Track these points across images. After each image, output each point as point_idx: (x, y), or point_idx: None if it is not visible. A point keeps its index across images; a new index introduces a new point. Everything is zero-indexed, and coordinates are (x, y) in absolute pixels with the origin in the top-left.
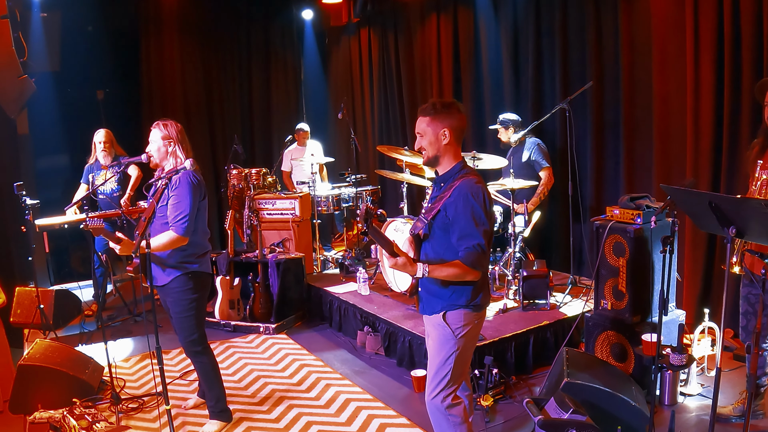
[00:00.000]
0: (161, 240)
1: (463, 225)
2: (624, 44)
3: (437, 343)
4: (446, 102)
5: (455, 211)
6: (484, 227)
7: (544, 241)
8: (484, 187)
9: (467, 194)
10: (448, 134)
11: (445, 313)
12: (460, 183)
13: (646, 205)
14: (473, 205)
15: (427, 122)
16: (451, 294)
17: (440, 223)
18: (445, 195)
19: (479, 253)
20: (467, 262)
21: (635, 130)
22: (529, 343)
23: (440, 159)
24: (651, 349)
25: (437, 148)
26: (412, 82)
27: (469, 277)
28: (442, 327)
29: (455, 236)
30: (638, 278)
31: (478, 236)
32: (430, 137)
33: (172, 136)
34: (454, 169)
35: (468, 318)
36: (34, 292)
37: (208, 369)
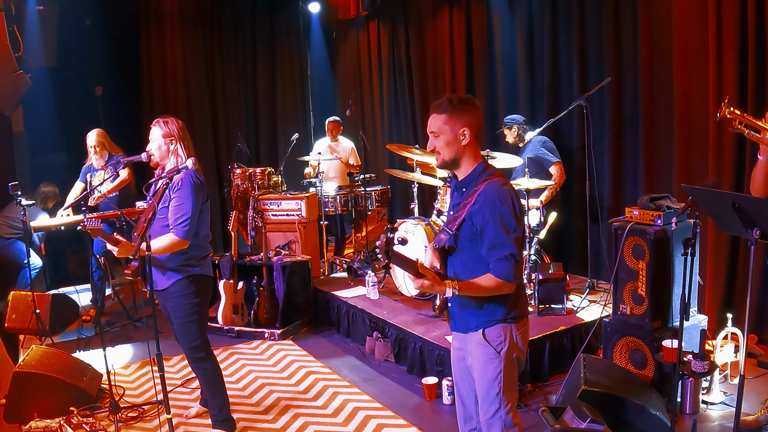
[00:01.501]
0: (161, 243)
1: (492, 234)
2: (643, 38)
3: (481, 363)
4: (464, 97)
5: (482, 219)
6: (515, 234)
7: (561, 243)
8: (511, 189)
9: (494, 199)
10: (468, 134)
11: (483, 330)
12: (485, 187)
13: (667, 205)
14: (502, 212)
15: (444, 120)
16: (485, 309)
17: (467, 233)
18: (469, 201)
19: (512, 264)
20: (500, 275)
21: (655, 127)
22: (545, 349)
23: (460, 161)
24: (672, 356)
25: (456, 150)
26: (423, 78)
27: (504, 290)
28: (484, 346)
29: (485, 247)
30: (658, 282)
31: (510, 245)
32: (447, 137)
33: (173, 134)
34: (476, 171)
35: (508, 331)
36: (29, 297)
37: (211, 376)
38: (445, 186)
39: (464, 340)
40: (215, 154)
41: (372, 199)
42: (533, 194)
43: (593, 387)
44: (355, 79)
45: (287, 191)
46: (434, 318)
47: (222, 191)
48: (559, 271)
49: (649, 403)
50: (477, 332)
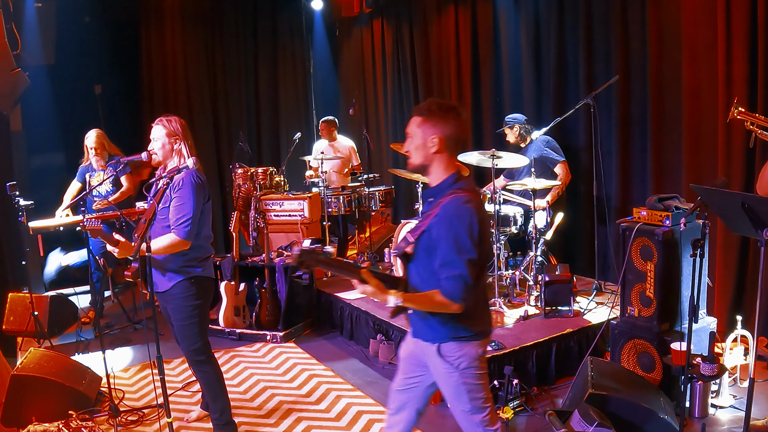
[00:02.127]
0: (162, 243)
1: (445, 251)
2: (651, 36)
3: (442, 378)
4: (446, 104)
5: (437, 234)
6: (468, 256)
7: (567, 244)
8: (475, 207)
9: (452, 217)
10: (437, 142)
11: (438, 346)
12: (447, 201)
13: (675, 206)
14: (457, 231)
15: (417, 123)
16: (441, 324)
17: (425, 244)
18: (432, 213)
19: (461, 285)
20: (446, 294)
21: (663, 126)
22: (552, 352)
23: (428, 169)
24: (680, 359)
25: (424, 156)
26: (428, 77)
27: (451, 309)
28: (441, 361)
29: (437, 262)
30: (667, 283)
31: (461, 266)
32: (417, 142)
33: (177, 133)
34: (445, 183)
35: (464, 347)
36: (27, 298)
37: (212, 379)
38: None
39: (422, 347)
40: (216, 154)
41: (376, 200)
42: (539, 194)
43: (600, 390)
44: (359, 77)
45: (289, 191)
46: None
47: (223, 191)
48: (565, 273)
49: (658, 406)
50: (433, 346)
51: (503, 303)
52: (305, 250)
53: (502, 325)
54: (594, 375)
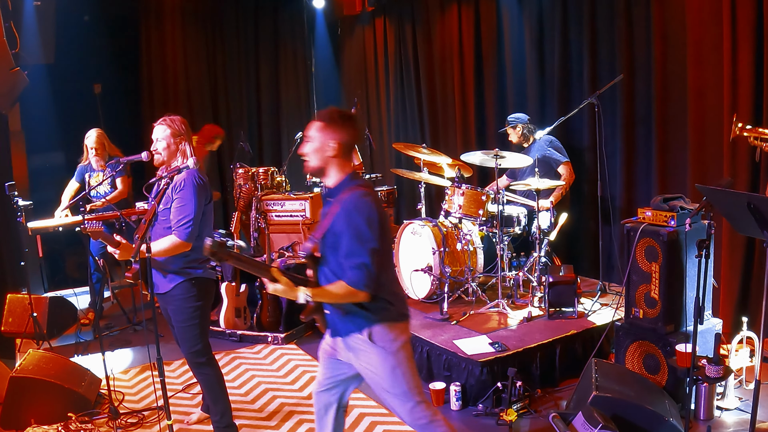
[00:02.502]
0: (162, 245)
1: (347, 243)
2: (656, 34)
3: (374, 365)
4: (346, 113)
5: (340, 227)
6: (370, 245)
7: (572, 244)
8: (373, 200)
9: (351, 210)
10: (335, 147)
11: (369, 333)
12: (347, 197)
13: (681, 206)
14: (357, 222)
15: (318, 128)
16: (365, 312)
17: (329, 242)
18: (332, 210)
19: (364, 273)
20: (351, 283)
21: (668, 126)
22: (556, 353)
23: (325, 171)
24: (686, 361)
25: (321, 159)
26: (431, 76)
27: (358, 298)
28: (370, 347)
29: (342, 254)
30: (672, 284)
31: (363, 255)
32: (315, 145)
33: (182, 133)
34: (343, 182)
35: (393, 331)
36: (26, 300)
37: (212, 381)
38: (452, 186)
39: (344, 344)
40: (217, 154)
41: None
42: (543, 195)
43: (605, 392)
44: (361, 76)
45: (291, 191)
46: (441, 322)
47: (224, 191)
48: (569, 274)
49: (663, 409)
50: (362, 335)
51: (507, 304)
52: (216, 242)
53: (506, 326)
54: (598, 377)
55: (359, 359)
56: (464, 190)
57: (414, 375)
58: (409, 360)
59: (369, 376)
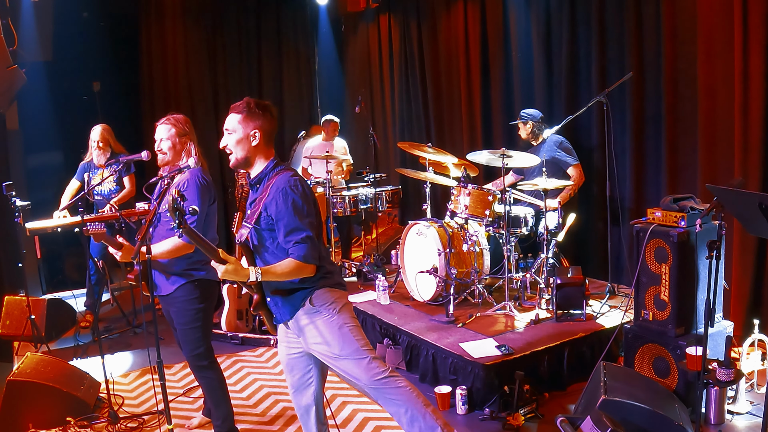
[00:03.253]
0: (165, 246)
1: (287, 220)
2: (666, 32)
3: (323, 332)
4: (262, 103)
5: (276, 208)
6: (309, 219)
7: (580, 246)
8: (301, 179)
9: (285, 189)
10: (259, 136)
11: (309, 299)
12: (276, 179)
13: (691, 206)
14: (294, 198)
15: (238, 120)
16: (301, 286)
17: (264, 225)
18: (264, 195)
19: (309, 246)
20: (298, 257)
21: (678, 125)
22: (564, 356)
23: (251, 161)
24: (696, 364)
25: (246, 149)
26: (436, 74)
27: (305, 272)
28: (316, 313)
29: (281, 234)
30: (682, 286)
31: (305, 229)
32: (239, 136)
33: (187, 132)
34: (267, 167)
35: (333, 294)
36: (24, 302)
37: (214, 385)
38: (458, 186)
39: (293, 328)
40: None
41: (383, 200)
42: (551, 195)
43: (614, 396)
44: (365, 74)
45: None
46: (447, 324)
47: (226, 192)
48: (578, 275)
49: (673, 413)
50: (305, 306)
51: (513, 306)
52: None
53: (513, 329)
54: (607, 380)
55: (308, 337)
56: (470, 190)
57: (362, 335)
58: (353, 320)
59: (321, 350)
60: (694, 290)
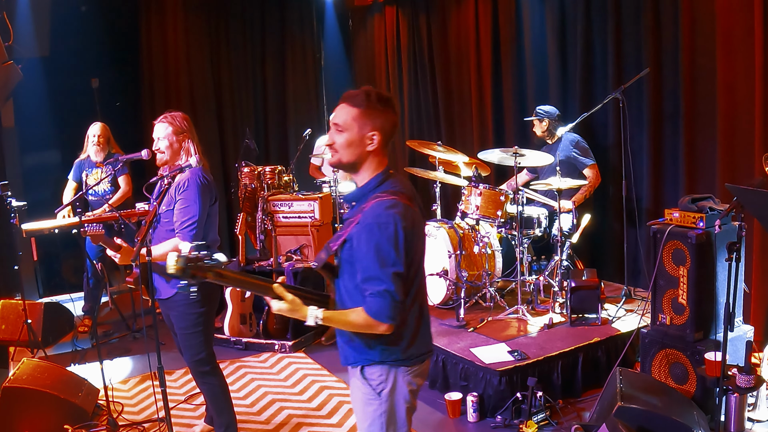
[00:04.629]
0: (166, 248)
1: (366, 264)
2: (684, 26)
3: (360, 404)
4: (384, 95)
5: (358, 244)
6: (394, 269)
7: (595, 247)
8: (401, 213)
9: (372, 225)
10: (377, 139)
11: (362, 367)
12: (370, 206)
13: (710, 207)
14: (378, 241)
15: (354, 116)
16: (365, 344)
17: (347, 255)
18: (354, 219)
19: (388, 303)
20: (371, 312)
21: (697, 122)
22: (578, 362)
23: (359, 168)
24: (715, 370)
25: (358, 154)
26: (446, 70)
27: (378, 330)
28: (361, 383)
29: (359, 276)
30: (701, 290)
31: (386, 281)
32: (352, 136)
33: (185, 130)
34: (370, 184)
35: (392, 374)
36: (20, 305)
37: (217, 392)
38: (469, 186)
39: (349, 373)
40: (221, 152)
41: None
42: (565, 195)
43: (630, 403)
44: (373, 70)
45: (299, 191)
46: (458, 329)
47: (229, 192)
48: (593, 278)
49: (691, 420)
50: (356, 368)
51: (526, 310)
52: (188, 257)
53: (526, 333)
54: (623, 387)
55: (352, 395)
56: (482, 190)
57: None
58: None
59: (355, 413)
60: (713, 293)
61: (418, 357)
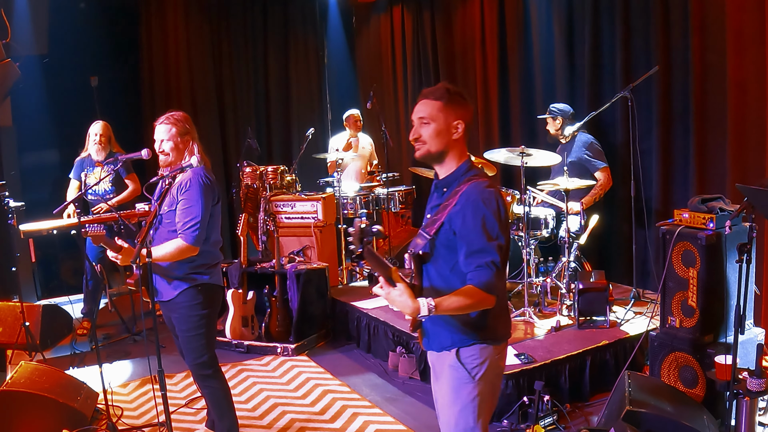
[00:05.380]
0: (167, 249)
1: (472, 239)
2: (694, 23)
3: (451, 388)
4: (461, 91)
5: (462, 221)
6: (498, 242)
7: (603, 249)
8: (497, 192)
9: (477, 201)
10: (461, 128)
11: (458, 350)
12: (468, 187)
13: (720, 207)
14: (485, 214)
15: (439, 107)
16: (461, 325)
17: (444, 239)
18: (450, 203)
19: (493, 273)
20: (479, 285)
21: (707, 121)
22: (586, 365)
23: (445, 156)
24: (725, 373)
25: (446, 143)
26: (451, 68)
27: (485, 304)
28: (456, 368)
29: (463, 253)
30: (711, 292)
31: (492, 252)
32: (440, 126)
33: (189, 130)
34: (460, 169)
35: (486, 353)
36: (18, 308)
37: (218, 395)
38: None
39: (435, 360)
40: (222, 151)
41: (395, 201)
42: (573, 196)
43: (639, 407)
44: (377, 68)
45: (302, 192)
46: None
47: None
48: (601, 280)
49: (701, 425)
50: (450, 352)
51: (533, 313)
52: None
53: (533, 336)
54: (632, 391)
55: (440, 380)
56: None
57: (486, 416)
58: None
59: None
60: (723, 296)
61: (504, 337)
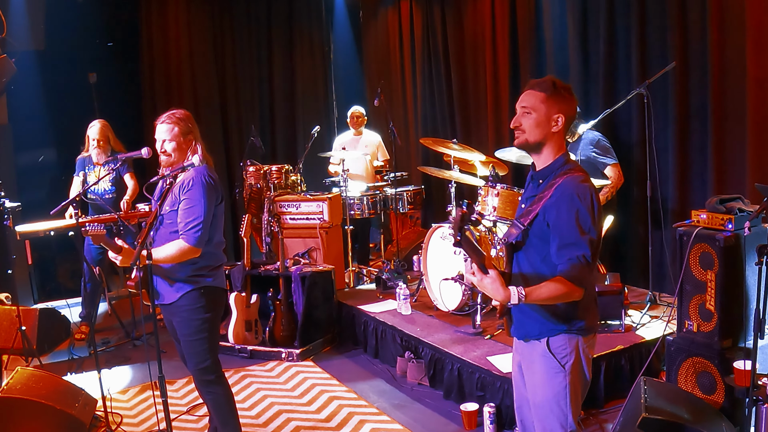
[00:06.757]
0: (169, 251)
1: (565, 232)
2: (713, 18)
3: (542, 377)
4: (567, 86)
5: (556, 214)
6: (590, 236)
7: (618, 251)
8: (592, 187)
9: (572, 195)
10: (561, 121)
11: (547, 339)
12: (564, 181)
13: (739, 208)
14: (579, 209)
15: (542, 99)
16: (550, 315)
17: (537, 230)
18: (545, 195)
19: (584, 267)
20: (569, 277)
21: (725, 119)
22: (600, 371)
23: (543, 147)
24: (744, 379)
25: (545, 134)
26: (461, 64)
27: (574, 296)
28: (547, 357)
29: (554, 245)
30: (729, 295)
31: (584, 246)
32: (540, 117)
33: (192, 130)
34: (557, 162)
35: (574, 343)
36: (14, 312)
37: (221, 402)
38: (486, 186)
39: (523, 349)
40: (225, 150)
41: (404, 201)
42: None
43: (655, 414)
44: (385, 64)
45: (307, 192)
46: (474, 336)
47: (233, 192)
48: (616, 283)
49: None
50: (539, 342)
51: None
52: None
53: None
54: (648, 397)
55: (530, 369)
56: (499, 191)
57: (576, 404)
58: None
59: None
60: (742, 299)
61: (593, 328)
